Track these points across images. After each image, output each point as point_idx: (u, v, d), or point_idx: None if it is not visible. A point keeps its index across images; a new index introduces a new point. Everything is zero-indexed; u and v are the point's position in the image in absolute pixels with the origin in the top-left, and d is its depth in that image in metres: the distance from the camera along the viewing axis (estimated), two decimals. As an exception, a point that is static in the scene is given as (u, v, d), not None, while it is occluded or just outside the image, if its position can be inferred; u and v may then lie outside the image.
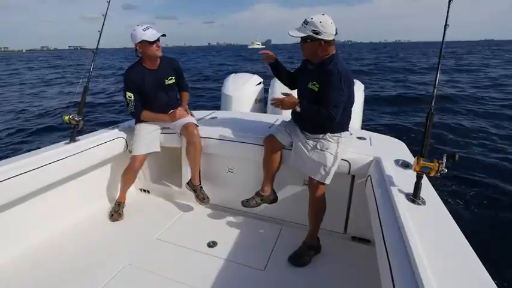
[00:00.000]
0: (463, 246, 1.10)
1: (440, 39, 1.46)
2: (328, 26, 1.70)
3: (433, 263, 0.99)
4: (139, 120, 2.37)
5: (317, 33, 1.69)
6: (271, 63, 2.08)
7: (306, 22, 1.72)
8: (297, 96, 2.02)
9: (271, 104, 1.86)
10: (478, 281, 0.95)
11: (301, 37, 1.74)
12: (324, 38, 1.71)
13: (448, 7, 1.44)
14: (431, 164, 1.29)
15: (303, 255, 1.89)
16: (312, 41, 1.72)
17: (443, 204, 1.37)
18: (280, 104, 1.80)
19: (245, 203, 2.06)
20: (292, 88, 2.13)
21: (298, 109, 1.77)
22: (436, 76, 1.42)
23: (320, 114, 1.69)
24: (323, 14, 1.72)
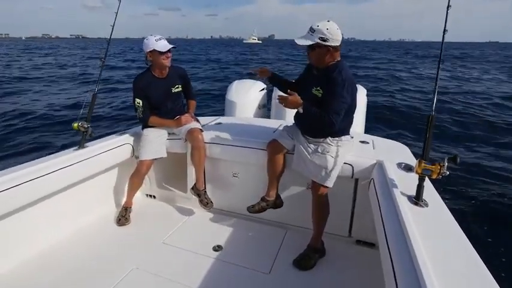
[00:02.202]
0: (466, 248, 1.11)
1: (445, 40, 1.48)
2: (334, 33, 1.72)
3: (436, 266, 1.00)
4: (146, 126, 2.43)
5: (324, 40, 1.71)
6: (270, 78, 2.10)
7: (312, 30, 1.74)
8: None
9: (277, 99, 1.87)
10: (481, 284, 0.96)
11: (309, 45, 1.75)
12: (331, 44, 1.73)
13: (446, 14, 1.48)
14: (433, 166, 1.31)
15: (308, 259, 1.90)
16: (319, 48, 1.75)
17: (445, 206, 1.39)
18: (284, 101, 1.80)
19: (251, 209, 2.08)
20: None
21: (301, 110, 1.79)
22: (436, 80, 1.45)
23: (321, 118, 1.72)
24: (328, 21, 1.74)
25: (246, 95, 3.72)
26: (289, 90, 1.82)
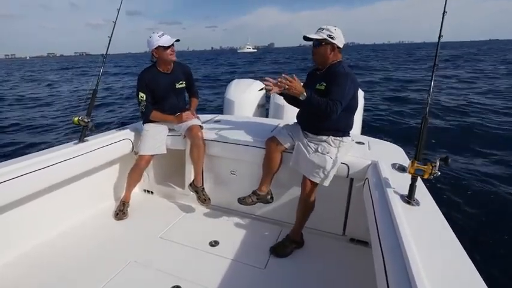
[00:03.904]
0: (455, 246, 1.15)
1: (444, 40, 1.52)
2: (340, 35, 1.90)
3: (426, 264, 1.03)
4: (148, 120, 2.46)
5: (332, 38, 1.87)
6: (281, 93, 1.96)
7: (321, 29, 1.90)
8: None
9: (279, 79, 1.78)
10: (468, 282, 0.99)
11: (317, 39, 1.88)
12: (337, 44, 1.88)
13: (442, 20, 1.52)
14: (425, 166, 1.35)
15: (283, 247, 1.99)
16: (326, 44, 1.88)
17: (436, 205, 1.43)
18: (289, 84, 1.73)
19: (241, 201, 2.13)
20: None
21: (302, 97, 1.74)
22: (431, 83, 1.49)
23: (322, 104, 1.72)
24: (335, 26, 1.90)
25: (245, 94, 3.75)
26: (294, 75, 1.79)
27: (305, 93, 1.74)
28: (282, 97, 2.05)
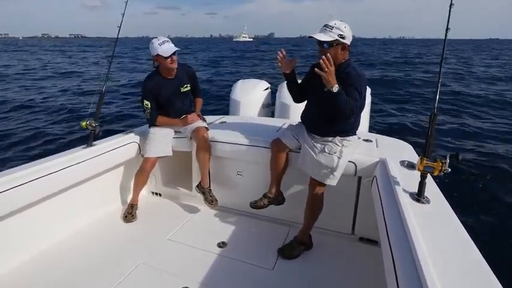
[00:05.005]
0: (467, 245, 1.12)
1: (444, 37, 1.49)
2: (349, 32, 1.78)
3: (437, 263, 1.01)
4: (153, 124, 2.47)
5: (343, 38, 1.75)
6: (288, 75, 1.97)
7: (330, 27, 1.75)
8: (307, 101, 2.06)
9: (323, 57, 1.65)
10: (482, 281, 0.96)
11: (328, 41, 1.74)
12: (347, 43, 1.79)
13: (449, 13, 1.49)
14: (435, 163, 1.32)
15: (291, 249, 1.97)
16: (337, 45, 1.77)
17: (447, 203, 1.40)
18: (329, 68, 1.64)
19: (253, 204, 2.12)
20: (298, 101, 2.11)
21: (334, 89, 1.65)
22: (439, 78, 1.46)
23: (349, 104, 1.68)
24: (341, 21, 1.79)
25: (251, 94, 3.75)
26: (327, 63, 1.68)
27: (337, 86, 1.66)
28: (287, 97, 2.03)
